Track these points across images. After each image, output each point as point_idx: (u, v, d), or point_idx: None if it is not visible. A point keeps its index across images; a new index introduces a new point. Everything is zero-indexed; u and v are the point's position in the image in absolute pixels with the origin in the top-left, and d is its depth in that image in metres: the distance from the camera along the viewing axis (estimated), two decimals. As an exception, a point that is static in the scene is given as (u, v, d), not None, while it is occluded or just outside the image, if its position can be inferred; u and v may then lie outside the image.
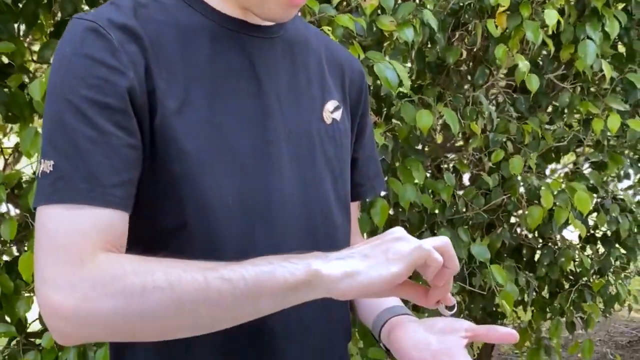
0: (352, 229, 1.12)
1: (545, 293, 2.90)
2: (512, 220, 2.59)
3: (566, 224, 2.58)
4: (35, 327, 1.97)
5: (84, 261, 0.77)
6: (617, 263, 2.75)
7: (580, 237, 2.74)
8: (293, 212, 0.97)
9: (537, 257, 2.72)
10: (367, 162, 1.17)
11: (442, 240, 0.86)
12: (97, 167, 0.80)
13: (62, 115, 0.81)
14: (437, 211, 2.38)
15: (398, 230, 0.86)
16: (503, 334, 0.93)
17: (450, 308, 0.96)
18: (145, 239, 0.89)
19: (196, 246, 0.88)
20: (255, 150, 0.93)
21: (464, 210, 2.39)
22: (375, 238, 0.86)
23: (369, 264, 0.82)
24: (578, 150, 2.55)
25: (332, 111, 1.06)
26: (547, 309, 2.84)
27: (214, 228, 0.88)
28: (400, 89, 1.92)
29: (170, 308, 0.76)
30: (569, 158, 2.73)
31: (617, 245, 2.68)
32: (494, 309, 2.90)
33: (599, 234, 2.76)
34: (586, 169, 2.65)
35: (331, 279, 0.80)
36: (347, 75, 1.11)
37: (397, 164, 2.31)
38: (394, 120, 2.22)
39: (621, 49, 2.55)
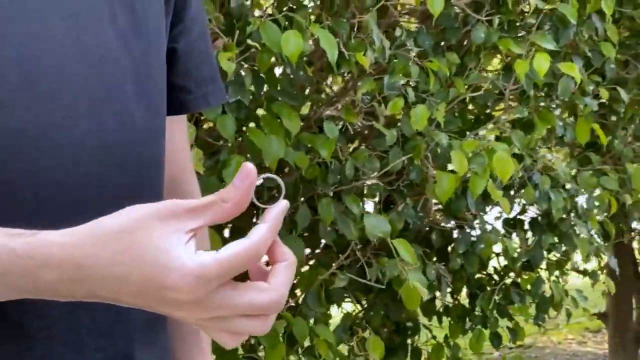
0: (178, 144, 0.81)
1: (464, 299, 2.33)
2: (416, 198, 2.02)
3: (485, 202, 2.03)
4: None
5: None
6: (551, 255, 2.20)
7: (504, 222, 2.20)
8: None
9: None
10: (194, 56, 0.80)
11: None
12: None
13: None
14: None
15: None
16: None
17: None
18: None
19: None
20: None
21: (354, 177, 1.80)
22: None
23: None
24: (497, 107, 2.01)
25: None
26: (467, 318, 2.27)
27: None
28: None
29: None
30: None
31: (548, 233, 2.13)
32: (402, 323, 2.30)
33: (526, 219, 2.21)
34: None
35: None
36: None
37: (260, 110, 1.73)
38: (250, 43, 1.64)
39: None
